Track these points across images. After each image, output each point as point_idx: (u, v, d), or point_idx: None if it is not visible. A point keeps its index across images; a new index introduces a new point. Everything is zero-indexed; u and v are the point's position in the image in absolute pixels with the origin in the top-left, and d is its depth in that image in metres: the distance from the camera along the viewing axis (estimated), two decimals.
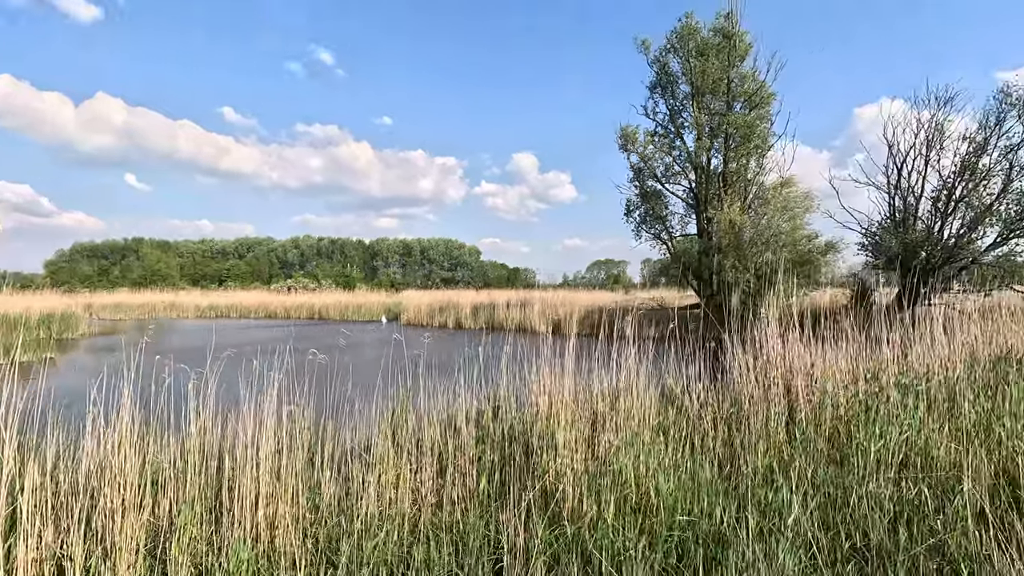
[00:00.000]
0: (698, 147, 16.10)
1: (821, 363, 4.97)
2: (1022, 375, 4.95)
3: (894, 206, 14.54)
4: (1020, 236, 13.65)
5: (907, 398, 4.44)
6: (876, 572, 2.68)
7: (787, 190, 14.76)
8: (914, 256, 14.14)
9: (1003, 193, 13.15)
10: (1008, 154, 12.72)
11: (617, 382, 4.39)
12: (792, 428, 4.33)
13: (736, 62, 15.78)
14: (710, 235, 16.01)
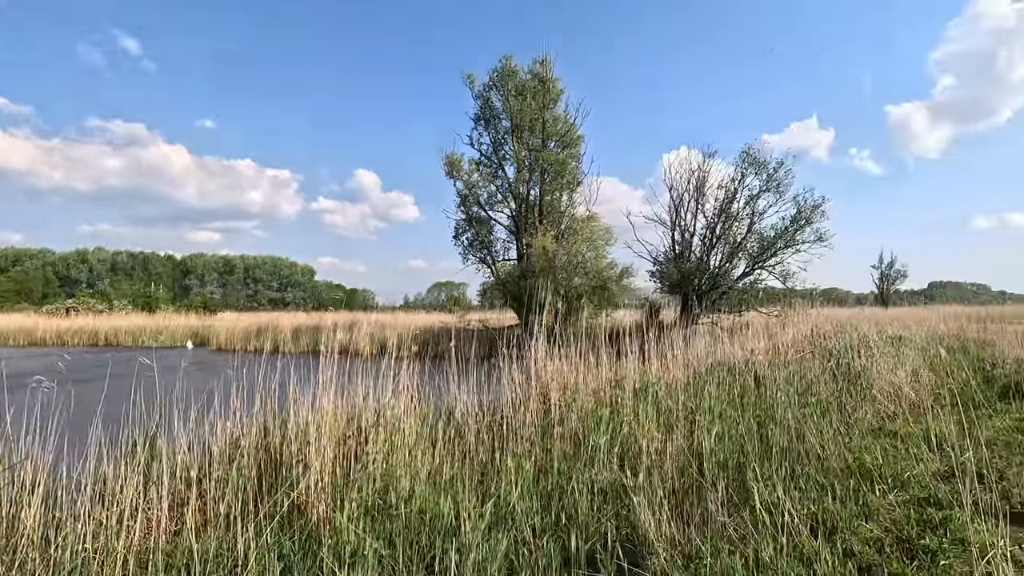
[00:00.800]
0: (518, 179, 17.35)
1: (576, 375, 5.69)
2: (720, 378, 6.20)
3: (674, 240, 17.11)
4: (762, 268, 16.94)
5: (640, 401, 5.27)
6: (573, 541, 3.15)
7: (592, 223, 16.60)
8: (689, 283, 16.75)
9: (748, 233, 16.27)
10: (750, 202, 15.86)
11: (387, 397, 4.55)
12: (546, 431, 4.87)
13: (550, 104, 17.43)
14: (529, 260, 17.23)
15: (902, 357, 8.36)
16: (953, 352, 10.85)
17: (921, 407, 6.60)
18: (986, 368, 8.44)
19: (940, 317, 27.80)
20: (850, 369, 7.38)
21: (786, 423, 5.26)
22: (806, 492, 3.78)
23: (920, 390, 7.29)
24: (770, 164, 15.34)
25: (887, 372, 7.15)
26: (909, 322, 20.98)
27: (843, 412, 6.14)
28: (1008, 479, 3.92)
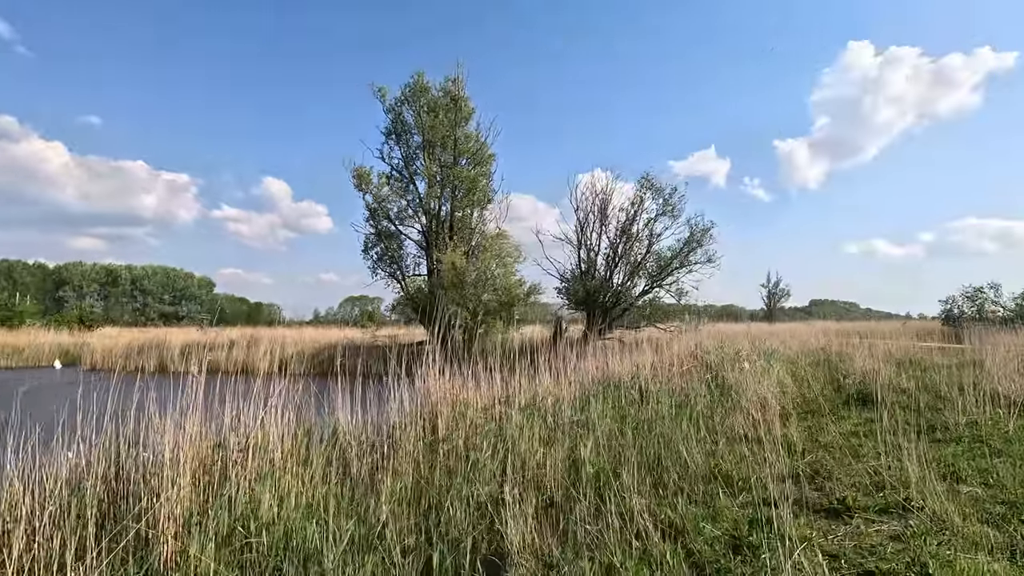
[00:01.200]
0: (429, 194, 17.34)
1: (467, 392, 5.77)
2: (607, 392, 6.54)
3: (580, 259, 17.81)
4: (659, 286, 18.03)
5: (527, 416, 5.43)
6: (436, 557, 3.18)
7: (502, 241, 16.91)
8: (594, 300, 17.45)
9: (647, 254, 17.29)
10: (648, 224, 16.90)
11: (260, 419, 4.36)
12: (432, 448, 4.89)
13: (461, 122, 17.64)
14: (439, 275, 17.20)
15: (770, 370, 9.23)
16: (816, 365, 12.12)
17: (784, 415, 7.32)
18: (838, 379, 9.49)
19: (814, 332, 30.88)
20: (723, 382, 8.05)
21: (662, 433, 5.65)
22: (665, 498, 4.08)
23: (783, 399, 8.08)
24: (665, 190, 16.47)
25: (755, 384, 7.86)
26: (787, 336, 23.16)
27: (714, 421, 6.67)
28: (835, 479, 4.45)
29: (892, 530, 3.30)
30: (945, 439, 5.65)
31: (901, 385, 8.44)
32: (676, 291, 18.01)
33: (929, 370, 10.36)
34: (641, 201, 16.87)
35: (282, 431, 4.31)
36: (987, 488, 4.07)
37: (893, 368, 10.56)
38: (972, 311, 26.94)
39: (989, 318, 26.09)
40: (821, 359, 13.31)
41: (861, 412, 7.28)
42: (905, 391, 8.09)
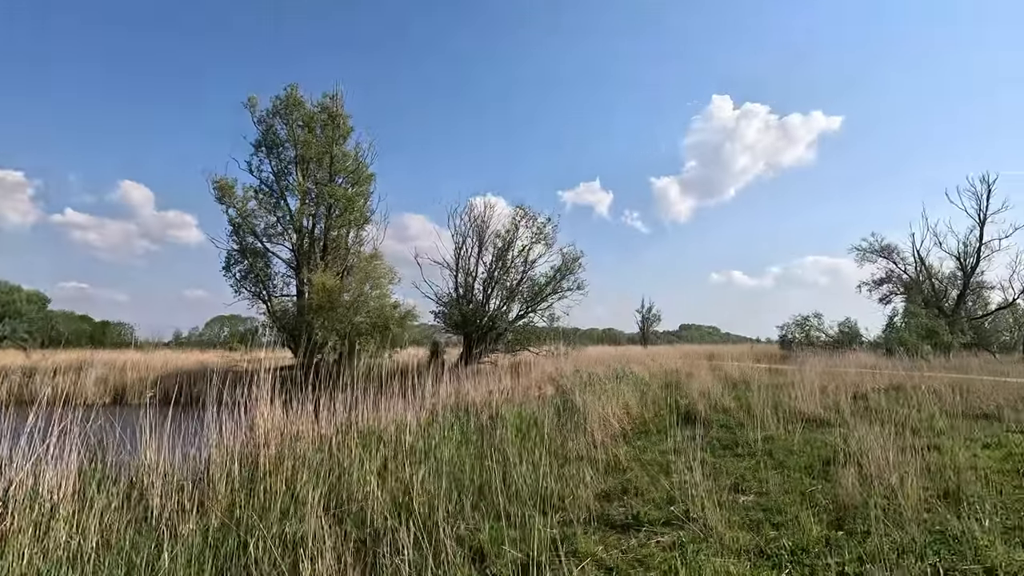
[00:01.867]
0: (301, 211, 16.59)
1: (302, 421, 5.56)
2: (458, 417, 6.65)
3: (457, 283, 17.98)
4: (533, 311, 18.68)
5: (365, 446, 5.33)
6: None
7: (376, 262, 16.60)
8: (470, 324, 17.64)
9: (522, 280, 17.89)
10: (522, 251, 17.56)
11: (31, 461, 3.86)
12: (254, 484, 4.62)
13: (339, 140, 17.21)
14: (309, 296, 16.42)
15: (618, 393, 9.93)
16: (665, 386, 13.24)
17: (621, 435, 7.90)
18: (677, 399, 10.45)
19: (676, 354, 33.73)
20: (572, 404, 8.51)
21: (503, 458, 5.83)
22: (486, 522, 4.21)
23: (625, 420, 8.72)
24: (539, 219, 17.27)
25: (600, 407, 8.41)
26: (650, 358, 25.06)
27: (557, 443, 7.02)
28: (642, 495, 4.88)
29: (669, 541, 3.70)
30: (744, 453, 6.43)
31: (725, 405, 9.48)
32: (548, 316, 18.79)
33: (754, 390, 11.78)
34: (516, 228, 17.51)
35: (62, 472, 3.85)
36: (759, 496, 4.70)
37: (725, 388, 11.85)
38: (801, 336, 31.13)
39: (814, 342, 30.27)
40: (671, 380, 14.58)
41: (687, 430, 8.05)
42: (727, 410, 9.11)
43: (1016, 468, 5.50)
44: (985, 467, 5.53)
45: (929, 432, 7.30)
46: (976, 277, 27.58)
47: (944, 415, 8.73)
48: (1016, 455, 6.04)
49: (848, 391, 11.61)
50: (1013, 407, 9.17)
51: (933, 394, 10.92)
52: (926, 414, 8.65)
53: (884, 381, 13.42)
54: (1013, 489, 4.73)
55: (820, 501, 4.41)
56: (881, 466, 4.51)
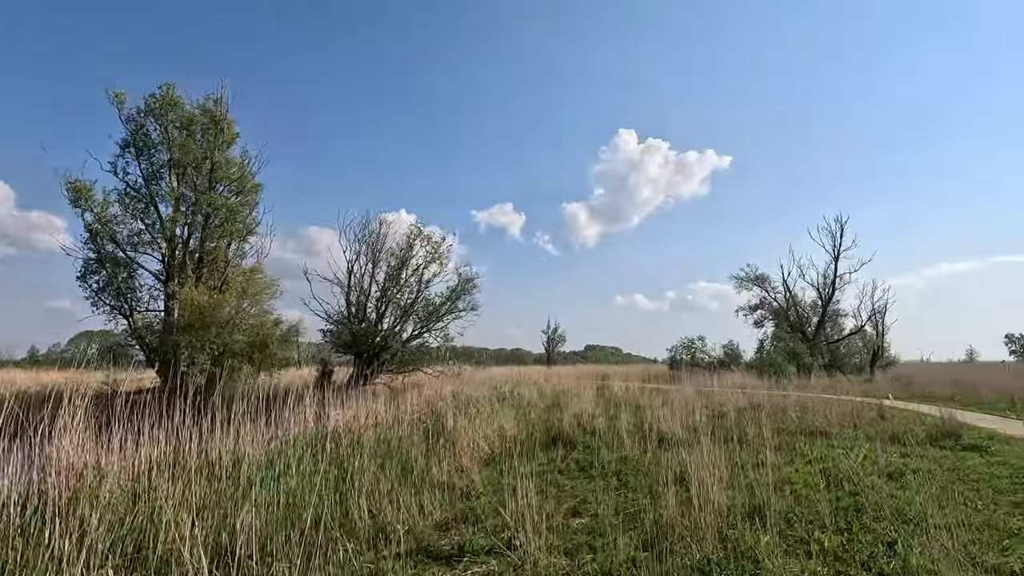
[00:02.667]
0: (173, 219, 15.29)
1: (115, 455, 5.00)
2: (317, 444, 6.30)
3: (349, 301, 17.35)
4: (428, 331, 18.42)
5: (185, 483, 4.87)
6: None
7: (257, 276, 15.62)
8: (361, 343, 17.04)
9: (416, 299, 17.62)
10: (416, 271, 17.34)
11: None
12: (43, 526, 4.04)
13: (222, 146, 16.14)
14: (180, 312, 15.08)
15: (498, 415, 9.97)
16: (551, 407, 13.50)
17: (490, 459, 7.89)
18: (554, 421, 10.66)
19: (573, 374, 34.73)
20: (443, 428, 8.41)
21: (351, 488, 5.58)
22: (311, 562, 3.97)
23: (497, 443, 8.74)
24: (434, 238, 17.17)
25: (473, 430, 8.37)
26: (544, 379, 25.56)
27: (420, 469, 6.85)
28: (483, 523, 4.86)
29: (484, 571, 3.68)
30: (596, 475, 6.64)
31: (596, 426, 9.80)
32: (443, 336, 18.63)
33: (624, 411, 12.31)
34: (411, 246, 17.29)
35: None
36: (592, 519, 4.84)
37: (603, 409, 12.30)
38: (687, 357, 33.31)
39: (699, 363, 32.47)
40: (556, 401, 14.88)
41: (554, 452, 8.21)
42: (595, 431, 9.41)
43: (829, 482, 6.13)
44: (799, 481, 6.11)
45: (764, 449, 7.96)
46: (832, 306, 31.08)
47: (784, 433, 9.62)
48: (830, 470, 6.74)
49: (711, 410, 12.49)
50: (842, 424, 10.27)
51: (781, 412, 12.03)
52: (769, 431, 9.48)
53: (747, 400, 14.59)
54: (816, 502, 5.24)
55: (646, 521, 4.62)
56: (706, 484, 4.81)
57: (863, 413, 11.80)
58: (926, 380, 23.02)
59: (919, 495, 5.53)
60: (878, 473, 6.36)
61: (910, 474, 6.22)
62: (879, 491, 5.57)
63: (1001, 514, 4.80)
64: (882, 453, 7.38)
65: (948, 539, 4.18)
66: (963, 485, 5.88)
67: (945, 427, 8.74)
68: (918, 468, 6.64)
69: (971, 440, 8.09)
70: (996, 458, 7.10)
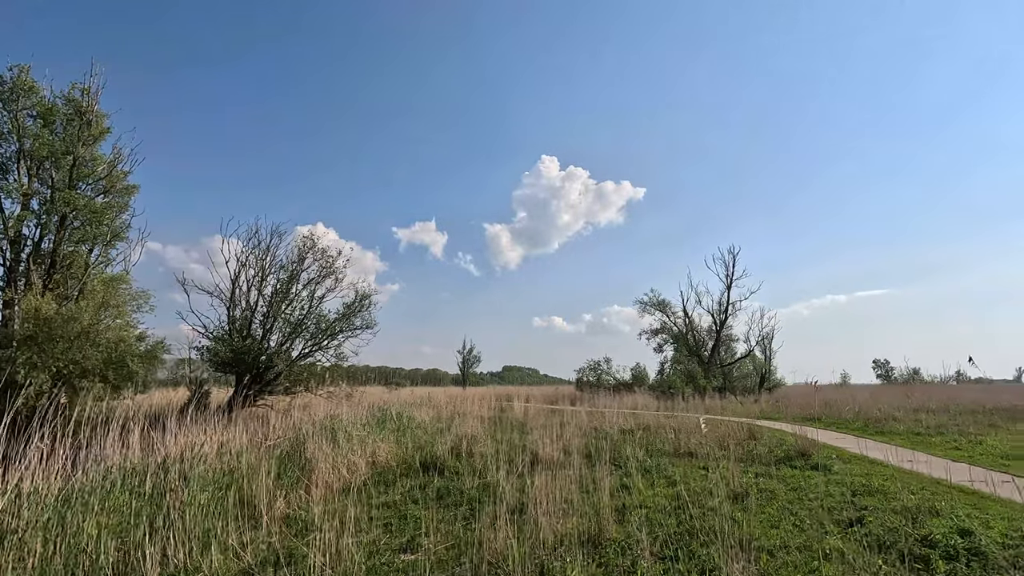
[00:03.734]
0: (19, 218, 13.48)
1: None
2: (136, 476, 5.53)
3: (231, 315, 16.07)
4: (319, 350, 17.45)
5: None
6: None
7: (121, 285, 14.08)
8: (243, 362, 15.78)
9: (307, 315, 16.65)
10: (308, 285, 16.43)
11: None
12: None
13: (89, 141, 14.55)
14: (21, 323, 13.20)
15: (371, 439, 9.42)
16: (440, 431, 13.05)
17: (359, 486, 7.34)
18: (433, 445, 10.26)
19: (486, 395, 34.36)
20: (302, 455, 7.78)
21: (167, 526, 4.91)
22: None
23: (365, 470, 8.21)
24: (329, 251, 16.39)
25: (333, 457, 7.80)
26: (447, 399, 25.04)
27: (263, 502, 6.22)
28: (300, 562, 4.39)
29: None
30: (453, 503, 6.34)
31: (474, 449, 9.52)
32: (337, 355, 17.74)
33: (519, 432, 12.16)
34: (303, 259, 16.39)
35: None
36: (423, 554, 4.52)
37: (488, 431, 12.06)
38: (594, 378, 34.07)
39: (605, 384, 33.28)
40: (450, 425, 14.46)
41: (421, 479, 7.81)
42: (471, 455, 9.13)
43: (680, 505, 6.19)
44: (652, 505, 6.14)
45: (633, 471, 8.03)
46: (726, 331, 33.11)
47: (659, 454, 9.82)
48: (683, 492, 6.85)
49: (598, 431, 12.62)
50: (716, 445, 10.65)
51: (663, 433, 12.36)
52: (644, 453, 9.66)
53: (635, 422, 14.93)
54: (661, 526, 5.23)
55: (474, 555, 4.36)
56: (536, 513, 4.64)
57: (736, 433, 12.37)
58: (804, 401, 24.86)
59: (756, 517, 5.71)
60: (728, 495, 6.53)
61: (754, 495, 6.43)
62: (721, 514, 5.70)
63: (823, 534, 5.00)
64: (739, 474, 7.65)
65: (767, 563, 4.27)
66: (800, 505, 6.14)
67: (798, 447, 9.28)
68: (764, 488, 6.91)
69: (819, 460, 8.62)
70: (835, 477, 7.56)
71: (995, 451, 9.91)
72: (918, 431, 12.77)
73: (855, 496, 6.33)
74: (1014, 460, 9.12)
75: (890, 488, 6.58)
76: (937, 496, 6.25)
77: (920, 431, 12.76)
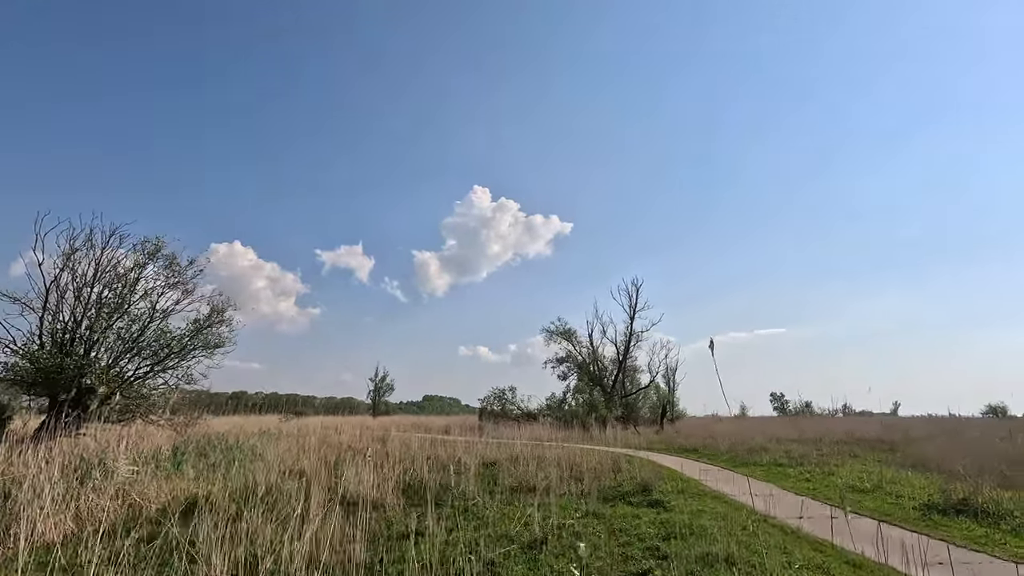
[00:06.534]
0: None
1: None
2: None
3: (43, 329, 13.70)
4: (162, 371, 15.28)
5: None
6: None
7: None
8: (56, 383, 13.39)
9: (144, 331, 14.54)
10: (147, 296, 14.39)
11: None
12: None
13: None
14: None
15: (143, 478, 7.79)
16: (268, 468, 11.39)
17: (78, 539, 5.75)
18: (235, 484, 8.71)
19: (389, 424, 32.43)
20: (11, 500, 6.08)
21: None
22: None
23: (109, 517, 6.60)
24: (180, 259, 14.53)
25: (59, 499, 6.17)
26: (338, 428, 23.08)
27: None
28: None
29: None
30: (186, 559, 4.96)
31: (275, 485, 8.09)
32: (185, 376, 15.62)
33: (360, 466, 10.77)
34: (142, 267, 14.37)
35: None
36: None
37: (320, 464, 10.60)
38: (499, 408, 32.96)
39: (509, 414, 32.24)
40: (296, 460, 12.77)
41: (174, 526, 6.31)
42: (270, 493, 7.70)
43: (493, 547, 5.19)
44: (427, 557, 5.06)
45: (450, 510, 6.96)
46: (631, 361, 33.21)
47: (510, 490, 8.80)
48: (503, 534, 5.85)
49: (457, 465, 11.47)
50: (568, 479, 9.78)
51: (525, 465, 11.40)
52: (480, 490, 8.61)
53: (509, 453, 13.90)
54: None
55: None
56: None
57: (602, 466, 11.64)
58: (703, 432, 24.74)
59: (540, 569, 4.77)
60: (527, 540, 5.58)
61: (553, 541, 5.53)
62: (495, 566, 4.71)
63: None
64: (559, 514, 6.76)
65: None
66: (600, 552, 5.28)
67: (642, 481, 8.59)
68: (581, 529, 6.05)
69: (658, 495, 7.92)
70: (663, 516, 6.83)
71: (840, 483, 9.68)
72: (781, 462, 12.59)
73: (666, 540, 5.55)
74: (855, 492, 8.87)
75: (708, 529, 5.89)
76: (754, 537, 5.63)
77: (783, 462, 12.59)
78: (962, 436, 17.46)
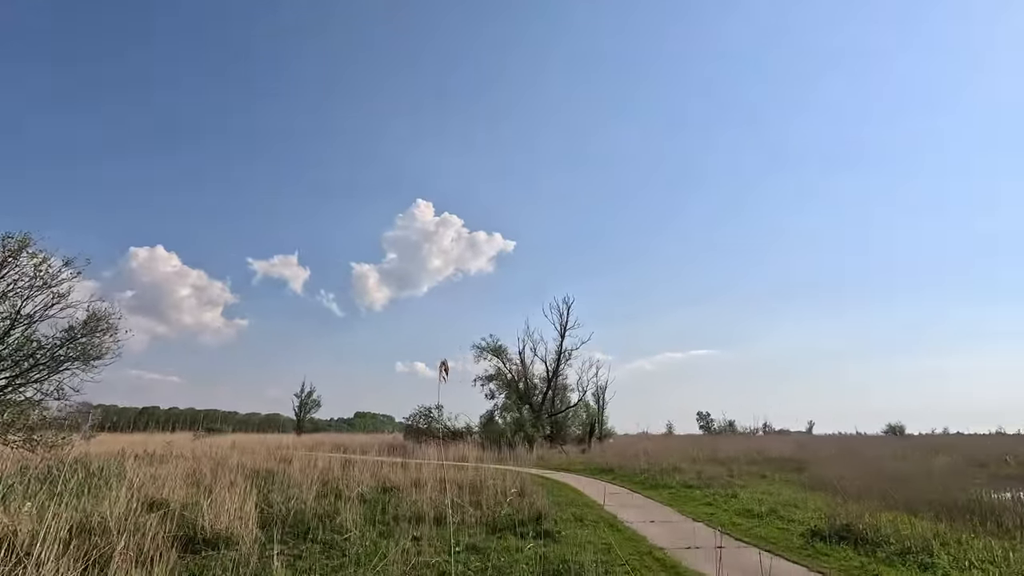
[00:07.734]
0: None
1: None
2: None
3: None
4: (26, 385, 13.51)
5: None
6: None
7: None
8: None
9: (4, 337, 12.81)
10: (5, 296, 12.71)
11: None
12: None
13: None
14: None
15: None
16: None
17: None
18: None
19: (304, 444, 30.61)
20: None
21: None
22: None
23: None
24: (39, 259, 12.92)
25: None
26: (243, 448, 21.42)
27: None
28: None
29: None
30: None
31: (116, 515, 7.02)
32: (56, 391, 13.85)
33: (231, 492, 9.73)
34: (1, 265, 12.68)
35: None
36: None
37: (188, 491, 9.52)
38: (424, 426, 31.87)
39: (435, 432, 31.20)
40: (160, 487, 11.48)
41: None
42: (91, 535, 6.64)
43: None
44: None
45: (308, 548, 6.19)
46: (561, 380, 33.05)
47: (385, 521, 8.09)
48: None
49: (351, 489, 10.64)
50: (468, 506, 9.18)
51: (441, 487, 10.71)
52: (364, 520, 7.86)
53: (415, 476, 13.13)
54: None
55: None
56: None
57: (509, 490, 11.10)
58: (629, 451, 24.59)
59: None
60: None
61: None
62: None
63: None
64: (440, 549, 6.16)
65: None
66: None
67: (537, 509, 8.13)
68: (459, 563, 5.47)
69: (548, 525, 7.47)
70: (550, 547, 6.36)
71: (739, 507, 9.61)
72: (691, 483, 12.51)
73: None
74: (749, 517, 8.79)
75: (586, 568, 5.46)
76: (636, 572, 5.25)
77: (692, 483, 12.52)
78: (861, 455, 18.25)
